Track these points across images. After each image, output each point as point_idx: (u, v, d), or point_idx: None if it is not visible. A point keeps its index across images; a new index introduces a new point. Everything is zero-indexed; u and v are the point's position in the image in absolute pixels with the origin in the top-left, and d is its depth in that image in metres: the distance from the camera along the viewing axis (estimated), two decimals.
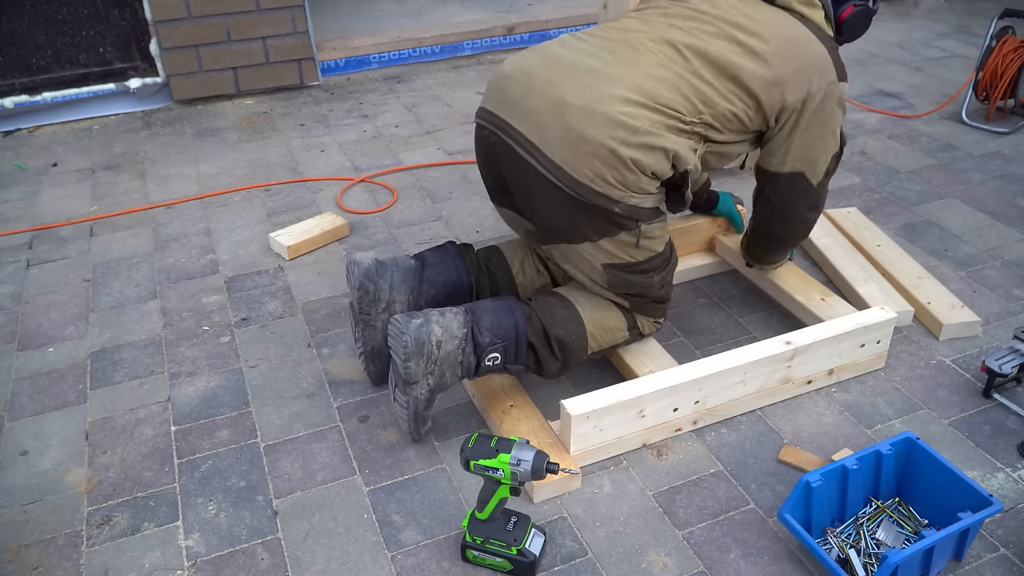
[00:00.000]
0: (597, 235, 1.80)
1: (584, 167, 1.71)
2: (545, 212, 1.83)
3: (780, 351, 1.94)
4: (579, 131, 1.70)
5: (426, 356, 1.74)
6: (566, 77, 1.76)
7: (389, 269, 1.96)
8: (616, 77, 1.75)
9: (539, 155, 1.74)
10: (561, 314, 1.88)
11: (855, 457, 1.69)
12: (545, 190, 1.77)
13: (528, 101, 1.77)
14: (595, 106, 1.71)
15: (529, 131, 1.76)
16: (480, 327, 1.79)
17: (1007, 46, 3.38)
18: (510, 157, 1.81)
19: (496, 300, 1.88)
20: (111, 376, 2.16)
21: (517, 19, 4.51)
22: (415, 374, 1.75)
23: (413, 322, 1.75)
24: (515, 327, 1.81)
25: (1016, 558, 1.63)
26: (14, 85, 3.54)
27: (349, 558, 1.66)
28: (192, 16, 3.63)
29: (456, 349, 1.77)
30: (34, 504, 1.80)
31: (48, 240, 2.78)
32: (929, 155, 3.24)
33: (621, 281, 1.88)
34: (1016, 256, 2.59)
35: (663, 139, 1.72)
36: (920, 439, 1.71)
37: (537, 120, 1.75)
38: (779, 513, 1.63)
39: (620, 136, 1.70)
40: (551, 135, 1.73)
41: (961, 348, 2.20)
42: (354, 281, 1.94)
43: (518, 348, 1.82)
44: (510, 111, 1.80)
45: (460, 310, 1.81)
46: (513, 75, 1.83)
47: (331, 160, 3.29)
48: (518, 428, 1.87)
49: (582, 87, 1.73)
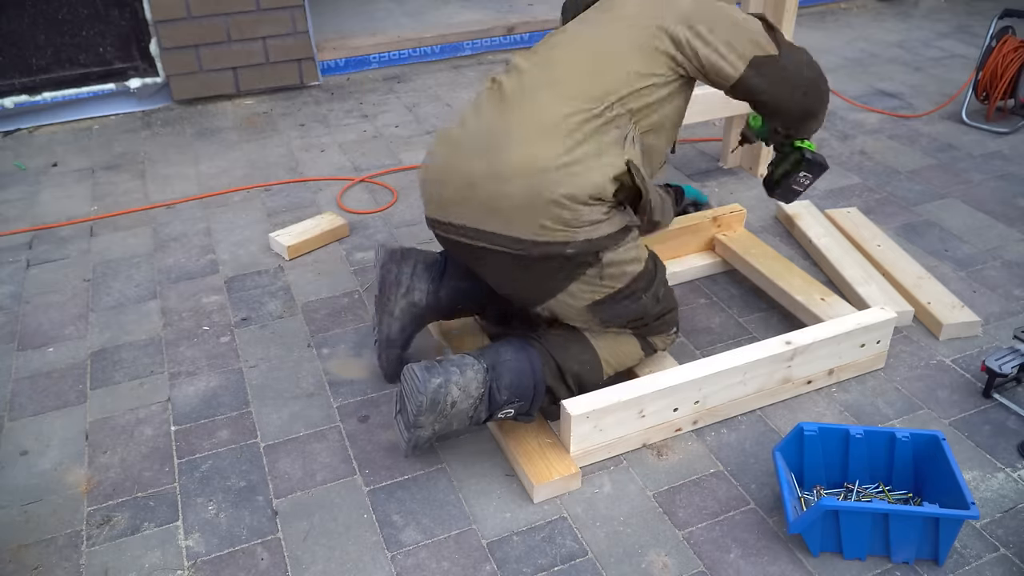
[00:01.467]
0: (565, 282, 1.77)
1: (517, 225, 1.69)
2: (510, 283, 1.84)
3: (780, 351, 1.94)
4: (498, 196, 1.69)
5: (438, 412, 1.71)
6: (468, 156, 1.75)
7: (413, 257, 1.99)
8: (505, 142, 1.71)
9: (475, 233, 1.75)
10: (573, 348, 1.86)
11: (862, 429, 1.72)
12: (498, 262, 1.77)
13: (448, 194, 1.78)
14: (501, 168, 1.69)
15: (461, 219, 1.76)
16: (499, 385, 1.74)
17: (1007, 46, 3.38)
18: (461, 249, 1.84)
19: (516, 350, 1.80)
20: (111, 376, 2.16)
21: (517, 19, 4.51)
22: (423, 423, 1.72)
23: (432, 381, 1.69)
24: (534, 386, 1.77)
25: (1016, 558, 1.63)
26: (14, 85, 3.53)
27: (349, 558, 1.66)
28: (192, 16, 3.62)
29: (469, 407, 1.73)
30: (34, 504, 1.80)
31: (48, 240, 2.78)
32: (929, 155, 3.24)
33: (613, 314, 1.85)
34: (1016, 256, 2.59)
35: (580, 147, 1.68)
36: (946, 441, 1.70)
37: (463, 208, 1.75)
38: (773, 449, 1.74)
39: (537, 180, 1.66)
40: (479, 213, 1.73)
41: (961, 348, 2.20)
42: (377, 261, 1.97)
43: (534, 403, 1.78)
44: (442, 210, 1.81)
45: (481, 368, 1.74)
46: (431, 177, 1.84)
47: (331, 160, 3.29)
48: (518, 428, 1.87)
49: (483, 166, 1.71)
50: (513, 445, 1.83)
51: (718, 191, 2.97)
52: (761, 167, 3.05)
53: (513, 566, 1.64)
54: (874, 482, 1.77)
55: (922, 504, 1.70)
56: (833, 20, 4.87)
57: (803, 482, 1.77)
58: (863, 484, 1.76)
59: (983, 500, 1.76)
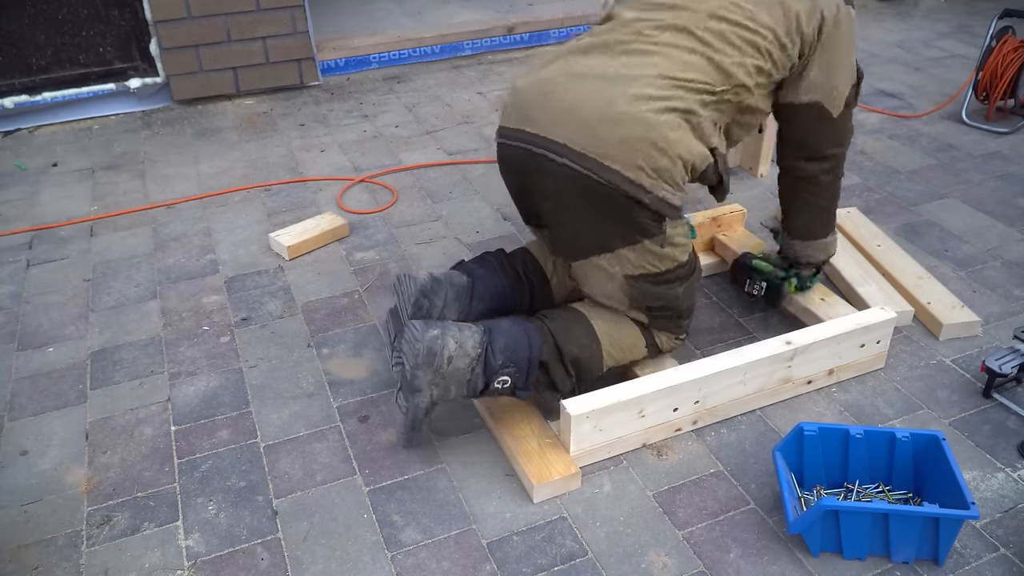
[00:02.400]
0: (620, 242, 1.78)
1: (616, 154, 1.70)
2: (571, 220, 1.81)
3: (780, 351, 1.94)
4: (607, 117, 1.70)
5: (435, 368, 1.72)
6: (580, 86, 1.76)
7: (444, 287, 1.95)
8: (631, 75, 1.75)
9: (568, 152, 1.73)
10: (575, 330, 1.86)
11: (862, 429, 1.72)
12: (573, 191, 1.76)
13: (549, 110, 1.77)
14: (621, 94, 1.72)
15: (555, 134, 1.75)
16: (494, 348, 1.76)
17: (1007, 46, 3.38)
18: (536, 165, 1.80)
19: (514, 322, 1.83)
20: (111, 376, 2.16)
21: (517, 19, 4.51)
22: (420, 383, 1.73)
23: (430, 332, 1.72)
24: (529, 354, 1.78)
25: (1016, 558, 1.63)
26: (14, 85, 3.53)
27: (349, 558, 1.66)
28: (192, 16, 3.63)
29: (466, 367, 1.74)
30: (34, 504, 1.80)
31: (48, 240, 2.78)
32: (929, 155, 3.24)
33: (644, 293, 1.86)
34: (1016, 256, 2.59)
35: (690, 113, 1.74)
36: (946, 441, 1.70)
37: (561, 122, 1.75)
38: (773, 449, 1.74)
39: (648, 108, 1.70)
40: (577, 132, 1.73)
41: (961, 348, 2.20)
42: (409, 296, 1.92)
43: (529, 375, 1.78)
44: (531, 122, 1.80)
45: (479, 329, 1.78)
46: (528, 89, 1.83)
47: (331, 160, 3.29)
48: (518, 428, 1.87)
49: (598, 93, 1.74)
50: (513, 445, 1.83)
51: None
52: (761, 167, 3.05)
53: (513, 566, 1.64)
54: (874, 482, 1.77)
55: (922, 504, 1.70)
56: None
57: (803, 482, 1.77)
58: (863, 484, 1.77)
59: (983, 500, 1.76)
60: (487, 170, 3.19)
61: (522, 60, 4.34)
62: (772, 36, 1.81)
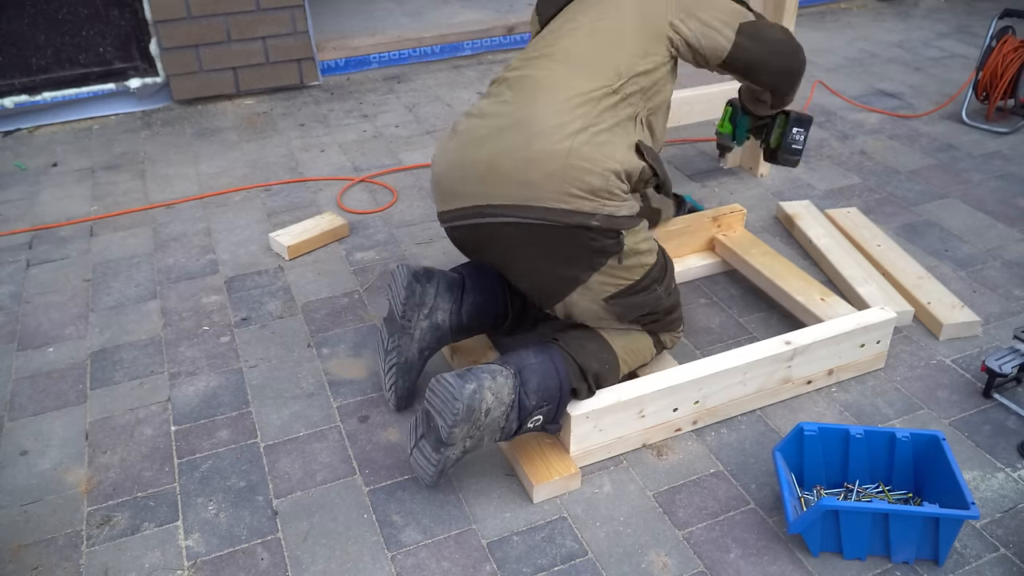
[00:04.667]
0: (586, 273, 1.78)
1: (545, 193, 1.70)
2: (534, 271, 1.82)
3: (780, 351, 1.94)
4: (524, 163, 1.71)
5: (472, 422, 1.66)
6: (490, 143, 1.76)
7: (436, 276, 1.95)
8: (534, 117, 1.75)
9: (504, 209, 1.74)
10: (591, 346, 1.85)
11: (863, 429, 1.72)
12: (525, 243, 1.76)
13: (470, 180, 1.78)
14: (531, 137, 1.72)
15: (486, 198, 1.76)
16: (527, 390, 1.72)
17: (1007, 46, 3.38)
18: (484, 234, 1.82)
19: (539, 354, 1.79)
20: (111, 376, 2.16)
21: (517, 19, 4.51)
22: (455, 438, 1.67)
23: (467, 387, 1.63)
24: (560, 388, 1.75)
25: (1016, 558, 1.63)
26: (14, 85, 3.53)
27: (349, 558, 1.66)
28: (192, 16, 3.63)
29: (501, 416, 1.69)
30: (34, 504, 1.80)
31: (48, 240, 2.78)
32: (929, 155, 3.24)
33: (628, 307, 1.86)
34: (1016, 256, 2.59)
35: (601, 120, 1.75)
36: (946, 441, 1.70)
37: (487, 184, 1.75)
38: (773, 449, 1.75)
39: (558, 136, 1.71)
40: (504, 187, 1.73)
41: (961, 348, 2.20)
42: (401, 281, 1.90)
43: (559, 409, 1.76)
44: (460, 198, 1.81)
45: (510, 372, 1.71)
46: (446, 172, 1.84)
47: (331, 160, 3.29)
48: None
49: (509, 140, 1.74)
50: (513, 445, 1.83)
51: (718, 191, 2.97)
52: (761, 167, 3.05)
53: (513, 566, 1.64)
54: (874, 482, 1.77)
55: (922, 504, 1.70)
56: (833, 20, 4.87)
57: (803, 482, 1.77)
58: (863, 484, 1.77)
59: (983, 500, 1.76)
60: None
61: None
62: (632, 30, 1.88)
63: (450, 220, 1.87)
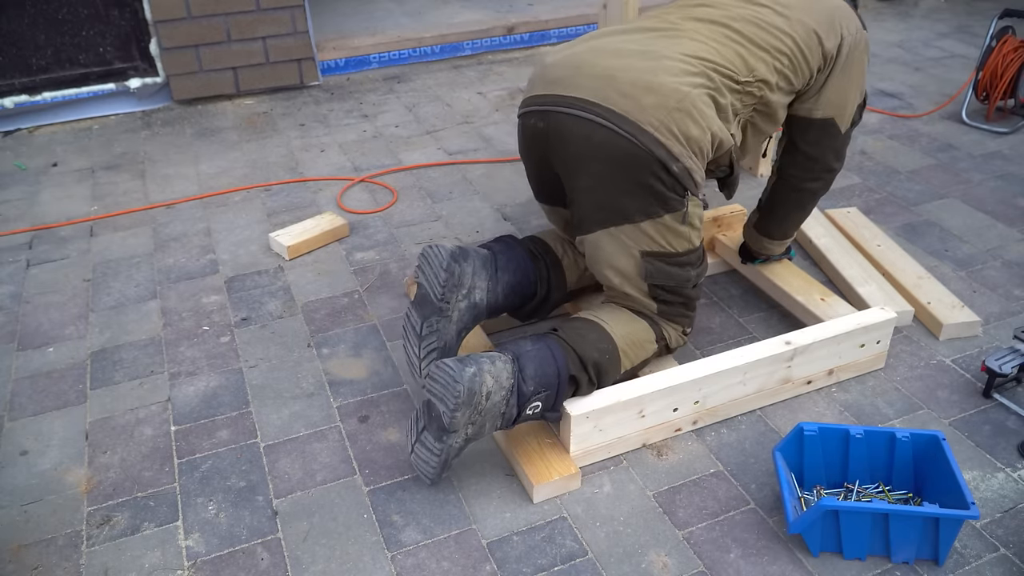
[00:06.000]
0: (642, 215, 1.79)
1: (648, 116, 1.73)
2: (594, 188, 1.81)
3: (780, 351, 1.94)
4: (642, 83, 1.74)
5: (474, 406, 1.67)
6: (614, 59, 1.80)
7: (471, 254, 1.93)
8: (664, 53, 1.80)
9: (603, 111, 1.75)
10: (590, 336, 1.84)
11: (863, 429, 1.72)
12: (601, 155, 1.76)
13: (583, 76, 1.80)
14: (654, 70, 1.76)
15: (590, 95, 1.77)
16: (524, 376, 1.72)
17: (1007, 46, 3.38)
18: (563, 128, 1.80)
19: (537, 343, 1.80)
20: (111, 376, 2.16)
21: (517, 19, 4.51)
22: (458, 424, 1.67)
23: (467, 370, 1.64)
24: (557, 375, 1.75)
25: (1016, 558, 1.63)
26: (14, 85, 3.54)
27: (349, 558, 1.66)
28: (192, 16, 3.63)
29: (502, 400, 1.70)
30: (34, 504, 1.80)
31: (48, 240, 2.78)
32: (929, 155, 3.25)
33: (659, 272, 1.87)
34: (1016, 256, 2.59)
35: (718, 93, 1.79)
36: (946, 441, 1.70)
37: (596, 87, 1.77)
38: (773, 449, 1.75)
39: (683, 80, 1.75)
40: (612, 92, 1.75)
41: (961, 348, 2.20)
42: (440, 262, 1.85)
43: (558, 396, 1.76)
44: (564, 87, 1.81)
45: (507, 358, 1.72)
46: (559, 63, 1.86)
47: (331, 160, 3.29)
48: (518, 428, 1.87)
49: (632, 64, 1.78)
50: (513, 445, 1.83)
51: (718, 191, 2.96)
52: (761, 167, 3.05)
53: (513, 566, 1.64)
54: (874, 482, 1.77)
55: (922, 504, 1.70)
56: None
57: (803, 482, 1.77)
58: (863, 484, 1.77)
59: (983, 500, 1.76)
60: (487, 170, 3.19)
61: (522, 60, 4.35)
62: (793, 43, 1.89)
63: (539, 104, 1.85)
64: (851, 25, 1.97)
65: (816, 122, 2.02)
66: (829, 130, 2.04)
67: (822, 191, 2.18)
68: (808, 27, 1.91)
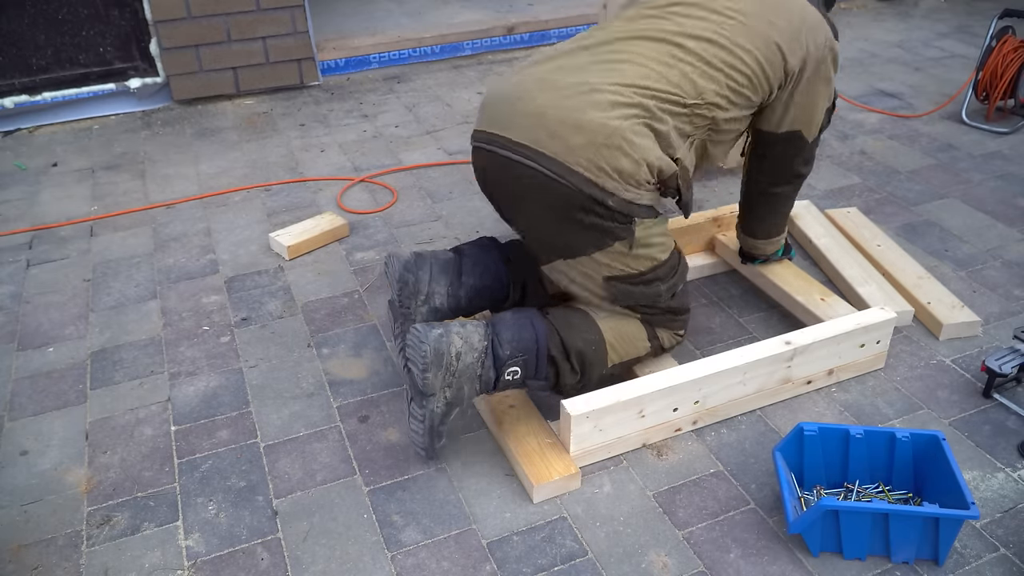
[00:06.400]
0: (592, 248, 1.79)
1: (578, 157, 1.71)
2: (539, 223, 1.82)
3: (780, 351, 1.94)
4: (571, 122, 1.71)
5: (444, 367, 1.71)
6: (549, 92, 1.76)
7: (428, 261, 1.98)
8: (597, 85, 1.75)
9: (530, 152, 1.74)
10: (578, 325, 1.85)
11: (862, 429, 1.72)
12: (539, 196, 1.76)
13: (517, 114, 1.78)
14: (587, 99, 1.73)
15: (519, 135, 1.76)
16: (500, 340, 1.76)
17: (1007, 46, 3.38)
18: (501, 168, 1.81)
19: (517, 312, 1.84)
20: (111, 376, 2.16)
21: (517, 19, 4.51)
22: (432, 386, 1.71)
23: (433, 332, 1.72)
24: (535, 341, 1.77)
25: (1016, 558, 1.63)
26: (14, 85, 3.54)
27: (349, 558, 1.66)
28: (192, 16, 3.63)
29: (475, 362, 1.73)
30: (34, 504, 1.80)
31: (48, 240, 2.78)
32: (929, 155, 3.24)
33: (624, 294, 1.86)
34: (1016, 256, 2.59)
35: (656, 120, 1.74)
36: (946, 441, 1.70)
37: (528, 126, 1.75)
38: (773, 449, 1.75)
39: (613, 114, 1.71)
40: (542, 134, 1.73)
41: (961, 348, 2.20)
42: (393, 273, 1.95)
43: (538, 362, 1.78)
44: (500, 126, 1.80)
45: (481, 323, 1.79)
46: (499, 94, 1.85)
47: (331, 160, 3.29)
48: (518, 428, 1.87)
49: (562, 103, 1.74)
50: (513, 445, 1.83)
51: (718, 191, 2.97)
52: None
53: (513, 566, 1.64)
54: (874, 482, 1.77)
55: (922, 504, 1.70)
56: (833, 20, 4.87)
57: (803, 482, 1.77)
58: (863, 484, 1.77)
59: (983, 500, 1.76)
60: None
61: (522, 60, 4.34)
62: (753, 60, 1.83)
63: (481, 140, 1.86)
64: (819, 38, 1.90)
65: (781, 136, 2.00)
66: (796, 142, 2.02)
67: (793, 194, 2.18)
68: (770, 40, 1.84)
